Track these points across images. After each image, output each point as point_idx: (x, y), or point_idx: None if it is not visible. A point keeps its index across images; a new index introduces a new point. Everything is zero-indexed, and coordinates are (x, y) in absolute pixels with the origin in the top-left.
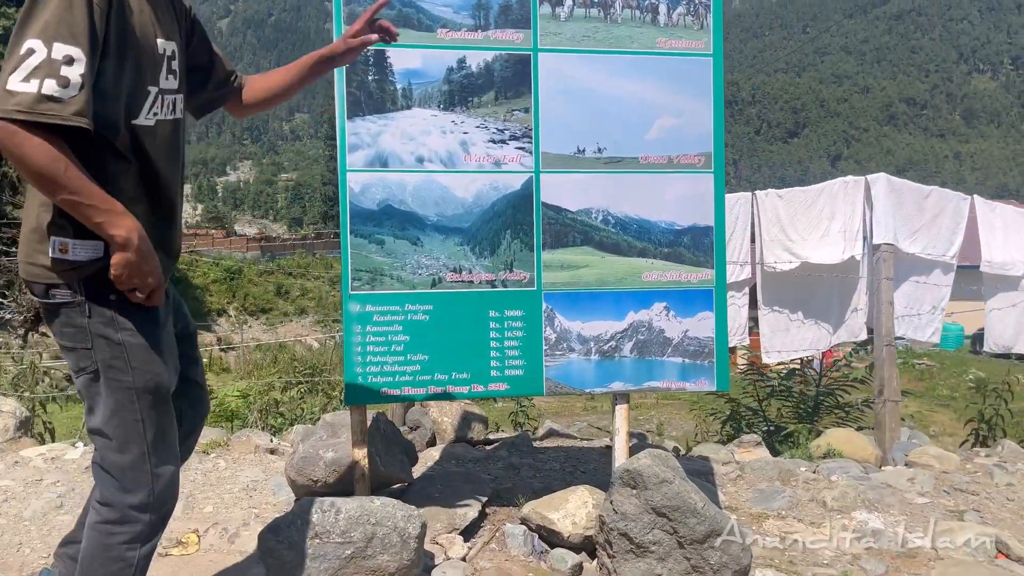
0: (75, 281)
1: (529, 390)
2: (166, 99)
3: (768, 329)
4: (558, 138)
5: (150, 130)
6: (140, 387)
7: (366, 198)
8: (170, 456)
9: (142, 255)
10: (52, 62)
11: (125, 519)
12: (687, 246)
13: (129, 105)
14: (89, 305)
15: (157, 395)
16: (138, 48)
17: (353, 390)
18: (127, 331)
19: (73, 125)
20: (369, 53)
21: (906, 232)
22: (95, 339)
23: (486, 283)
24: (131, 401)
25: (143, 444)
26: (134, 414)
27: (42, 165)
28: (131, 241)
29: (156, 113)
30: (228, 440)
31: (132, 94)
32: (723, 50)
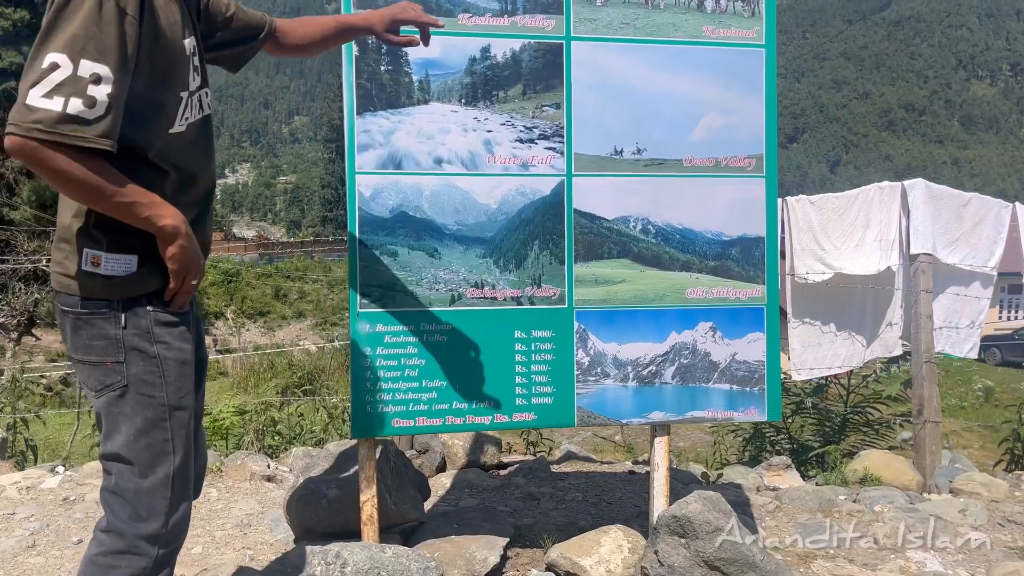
0: (113, 294)
1: (559, 421)
2: (194, 99)
3: (799, 344)
4: (593, 137)
5: (182, 136)
6: (174, 404)
7: (377, 204)
8: (188, 488)
9: (192, 242)
10: (78, 80)
11: (132, 550)
12: (736, 259)
13: (165, 116)
14: (125, 316)
15: (185, 414)
16: (169, 56)
17: (361, 420)
18: (163, 344)
19: (97, 147)
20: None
21: (945, 241)
22: (128, 352)
23: (511, 300)
24: (163, 419)
25: (169, 467)
26: (164, 433)
27: (81, 177)
28: (180, 229)
29: (188, 118)
30: (221, 465)
31: (166, 104)
32: (776, 40)
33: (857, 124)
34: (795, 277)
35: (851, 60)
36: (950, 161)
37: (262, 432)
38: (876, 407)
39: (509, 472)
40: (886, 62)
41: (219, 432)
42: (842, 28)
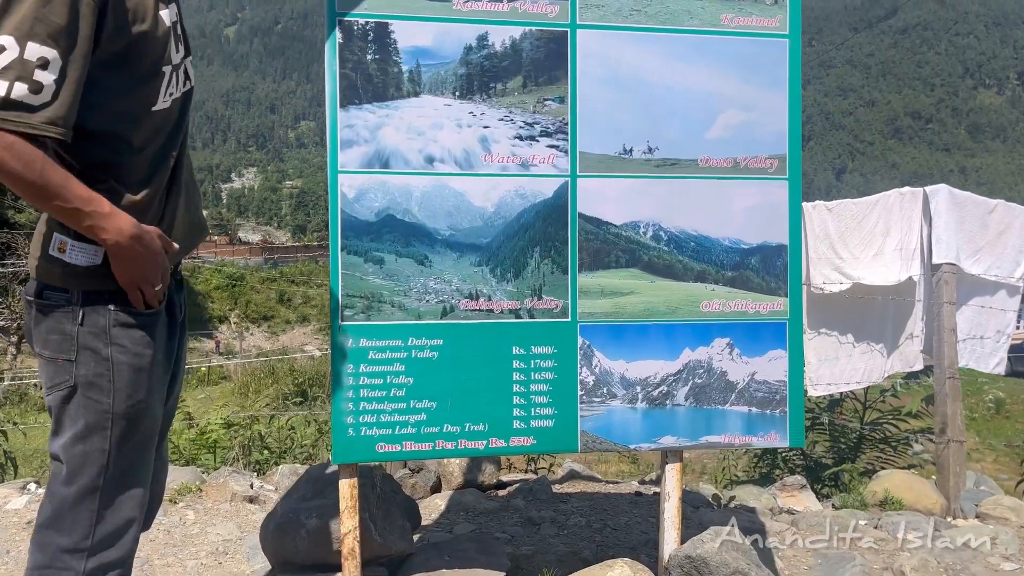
0: (72, 285)
1: (561, 446)
2: (179, 72)
3: (815, 358)
4: (600, 135)
5: (166, 112)
6: (119, 412)
7: (362, 206)
8: (129, 504)
9: (138, 256)
10: (24, 63)
11: (53, 563)
12: (756, 269)
13: (147, 94)
14: (83, 311)
15: (135, 427)
16: (142, 32)
17: (342, 444)
18: (118, 347)
19: (42, 135)
20: (368, 26)
21: (969, 250)
22: (81, 351)
23: (509, 313)
24: (104, 427)
25: (97, 479)
26: (103, 442)
27: (19, 170)
28: (121, 244)
29: (172, 93)
30: (202, 484)
31: (147, 83)
32: (801, 31)
33: (863, 132)
34: (811, 287)
35: (857, 68)
36: (957, 169)
37: (248, 447)
38: (895, 423)
39: (508, 493)
40: (893, 70)
41: (206, 446)
42: (848, 36)
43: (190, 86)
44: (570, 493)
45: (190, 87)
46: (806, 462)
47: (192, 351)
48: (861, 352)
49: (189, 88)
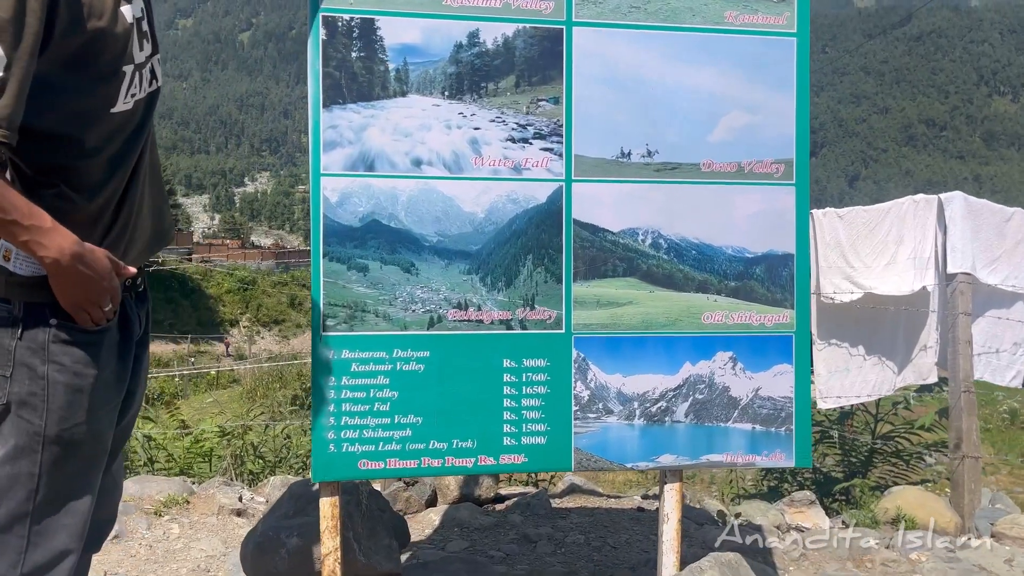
0: (14, 295)
1: (554, 464)
2: (142, 72)
3: (825, 370)
4: (596, 137)
5: (127, 114)
6: (51, 436)
7: (345, 211)
8: (64, 534)
9: (79, 277)
10: None
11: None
12: (761, 279)
13: (105, 95)
14: (23, 325)
15: (70, 451)
16: (99, 29)
17: (323, 461)
18: (56, 366)
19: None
20: (354, 22)
21: (985, 260)
22: (17, 367)
23: (500, 323)
24: (33, 450)
25: (27, 504)
26: (32, 466)
27: None
28: (60, 263)
29: (135, 94)
30: (190, 496)
31: (105, 82)
32: (809, 29)
33: (877, 139)
34: (821, 297)
35: (871, 74)
36: (971, 177)
37: (240, 457)
38: (907, 437)
39: (506, 507)
40: (907, 77)
41: (200, 455)
42: (862, 42)
43: (156, 86)
44: (569, 508)
45: (156, 87)
46: (816, 476)
47: (203, 355)
48: (872, 364)
49: (155, 88)
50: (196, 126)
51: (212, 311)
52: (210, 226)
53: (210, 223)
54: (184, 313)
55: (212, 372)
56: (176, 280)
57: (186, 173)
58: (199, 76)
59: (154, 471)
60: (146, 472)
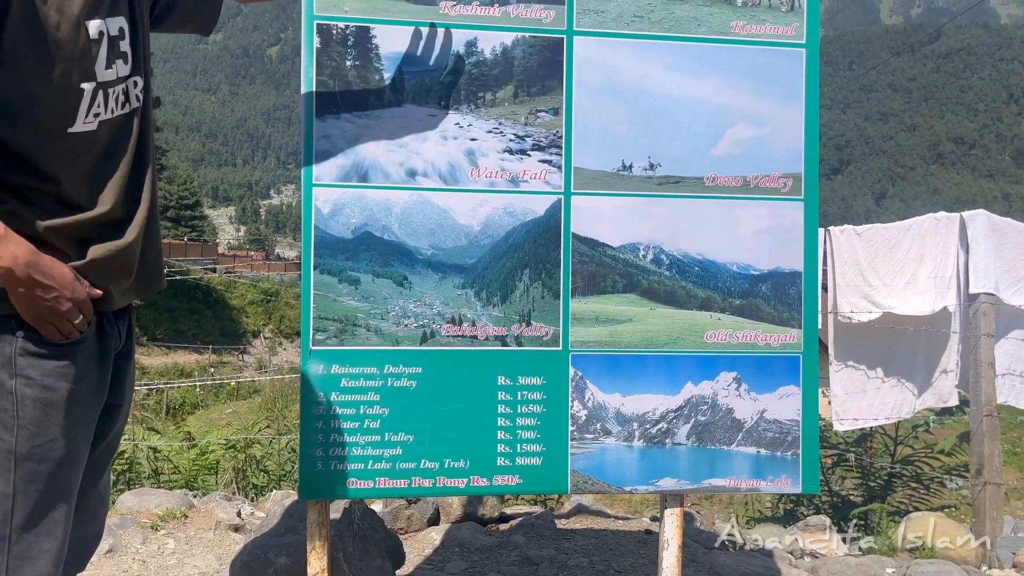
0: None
1: (549, 486)
2: (111, 92)
3: (842, 391)
4: (597, 149)
5: (91, 136)
6: (23, 453)
7: (337, 222)
8: (45, 557)
9: (36, 285)
10: None
11: None
12: (767, 297)
13: (59, 114)
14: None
15: (43, 467)
16: (63, 42)
17: (310, 480)
18: (24, 379)
19: None
20: (348, 30)
21: (1009, 280)
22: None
23: (495, 339)
24: (6, 469)
25: (5, 526)
26: (5, 486)
27: None
28: (14, 272)
29: (98, 114)
30: (188, 511)
31: (60, 101)
32: (819, 40)
33: (904, 157)
34: (839, 316)
35: (899, 92)
36: (1001, 196)
37: (243, 470)
38: (927, 462)
39: (510, 527)
40: (935, 95)
41: (206, 468)
42: (889, 59)
43: (130, 108)
44: (575, 529)
45: (130, 109)
46: (833, 500)
47: (225, 365)
48: (891, 386)
49: (129, 110)
50: (224, 139)
51: (235, 322)
52: (235, 237)
53: (235, 235)
54: (207, 324)
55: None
56: (200, 291)
57: (213, 185)
58: (227, 90)
59: (159, 483)
60: (151, 484)
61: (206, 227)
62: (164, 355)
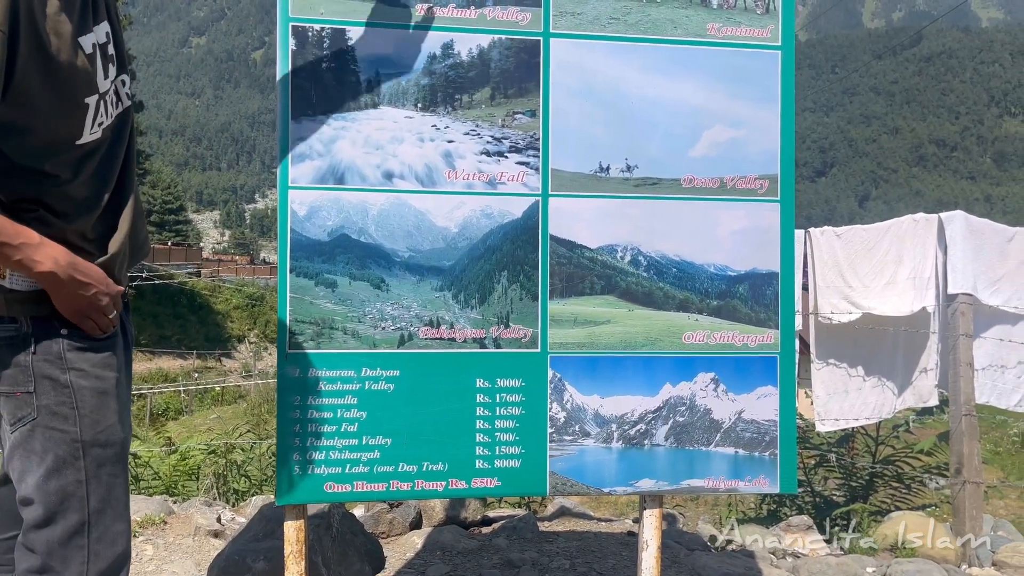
0: (18, 312)
1: (528, 488)
2: (107, 98)
3: (823, 391)
4: (574, 151)
5: (97, 142)
6: (88, 440)
7: (314, 225)
8: (121, 538)
9: (78, 284)
10: None
11: None
12: (744, 298)
13: (69, 130)
14: (35, 339)
15: (108, 451)
16: (65, 64)
17: (287, 484)
18: (77, 372)
19: None
20: (324, 32)
21: (986, 280)
22: (39, 380)
23: (473, 342)
24: (75, 457)
25: (83, 512)
26: (78, 473)
27: None
28: (57, 275)
29: (102, 123)
30: (168, 516)
31: (69, 118)
32: (795, 42)
33: (887, 159)
34: (819, 317)
35: (881, 95)
36: (983, 197)
37: (223, 476)
38: (908, 461)
39: (492, 530)
40: (917, 97)
41: (187, 473)
42: (871, 63)
43: (122, 108)
44: (557, 532)
45: (122, 108)
46: (816, 500)
47: (210, 370)
48: (872, 386)
49: (122, 109)
50: (208, 143)
51: (220, 327)
52: (220, 242)
53: (220, 239)
54: (192, 329)
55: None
56: (184, 296)
57: (197, 189)
58: (212, 94)
59: (139, 489)
60: (131, 490)
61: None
62: (148, 360)
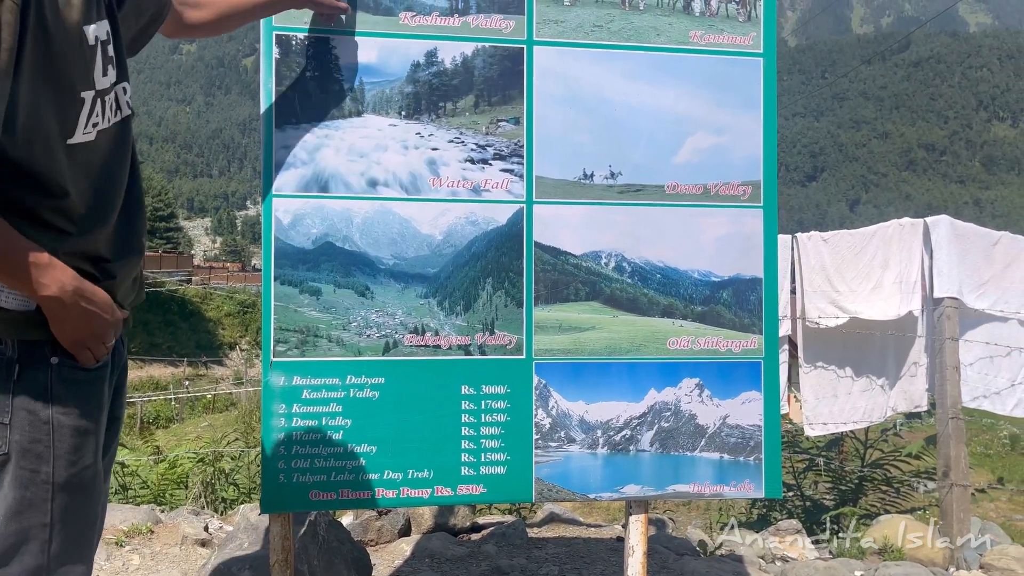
0: (5, 333)
1: (514, 495)
2: (106, 100)
3: (812, 395)
4: (558, 159)
5: (89, 146)
6: (60, 482)
7: (298, 233)
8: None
9: (82, 312)
10: None
11: None
12: (728, 303)
13: (61, 124)
14: (20, 365)
15: (79, 494)
16: (61, 46)
17: (272, 492)
18: (60, 407)
19: None
20: (308, 41)
21: (972, 284)
22: (15, 412)
23: (458, 349)
24: (44, 500)
25: (43, 556)
26: (43, 516)
27: None
28: (63, 301)
29: (97, 124)
30: (155, 526)
31: (62, 110)
32: (776, 49)
33: (877, 163)
34: (806, 321)
35: (871, 100)
36: (972, 201)
37: (211, 484)
38: (897, 465)
39: (481, 537)
40: (906, 102)
41: (175, 482)
42: (860, 68)
43: (121, 116)
44: (547, 538)
45: (122, 117)
46: (805, 504)
47: (201, 378)
48: (862, 390)
49: (122, 118)
50: (199, 150)
51: (211, 334)
52: (211, 249)
53: (211, 246)
54: (183, 336)
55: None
56: (175, 303)
57: (188, 197)
58: (202, 100)
59: (127, 498)
60: (118, 500)
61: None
62: (139, 368)
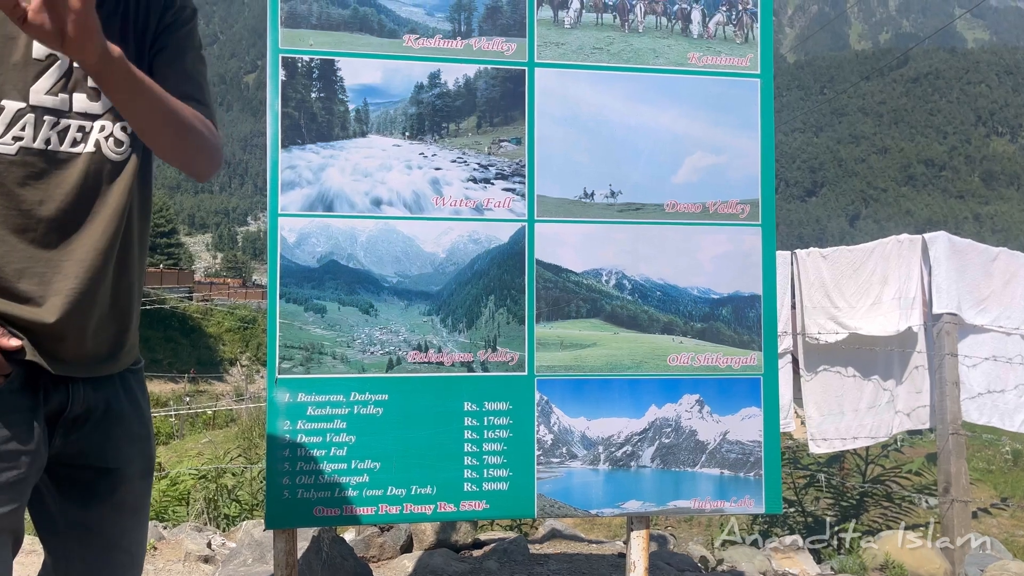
0: None
1: (516, 510)
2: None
3: (816, 412)
4: (559, 178)
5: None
6: None
7: (303, 251)
8: None
9: None
10: None
11: None
12: (727, 320)
13: None
14: None
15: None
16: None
17: (277, 508)
18: None
19: None
20: (313, 63)
21: (972, 300)
22: None
23: (461, 366)
24: None
25: None
26: None
27: None
28: None
29: (19, 137)
30: (157, 542)
31: None
32: (773, 70)
33: (876, 179)
34: (806, 337)
35: (869, 115)
36: (971, 216)
37: (213, 501)
38: (898, 480)
39: (483, 553)
40: (905, 118)
41: (178, 498)
42: (859, 84)
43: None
44: (548, 554)
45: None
46: (807, 520)
47: (202, 394)
48: (867, 407)
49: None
50: None
51: (212, 350)
52: (212, 265)
53: (212, 262)
54: (183, 352)
55: (208, 412)
56: (176, 319)
57: (189, 212)
58: None
59: None
60: None
61: (182, 255)
62: None
